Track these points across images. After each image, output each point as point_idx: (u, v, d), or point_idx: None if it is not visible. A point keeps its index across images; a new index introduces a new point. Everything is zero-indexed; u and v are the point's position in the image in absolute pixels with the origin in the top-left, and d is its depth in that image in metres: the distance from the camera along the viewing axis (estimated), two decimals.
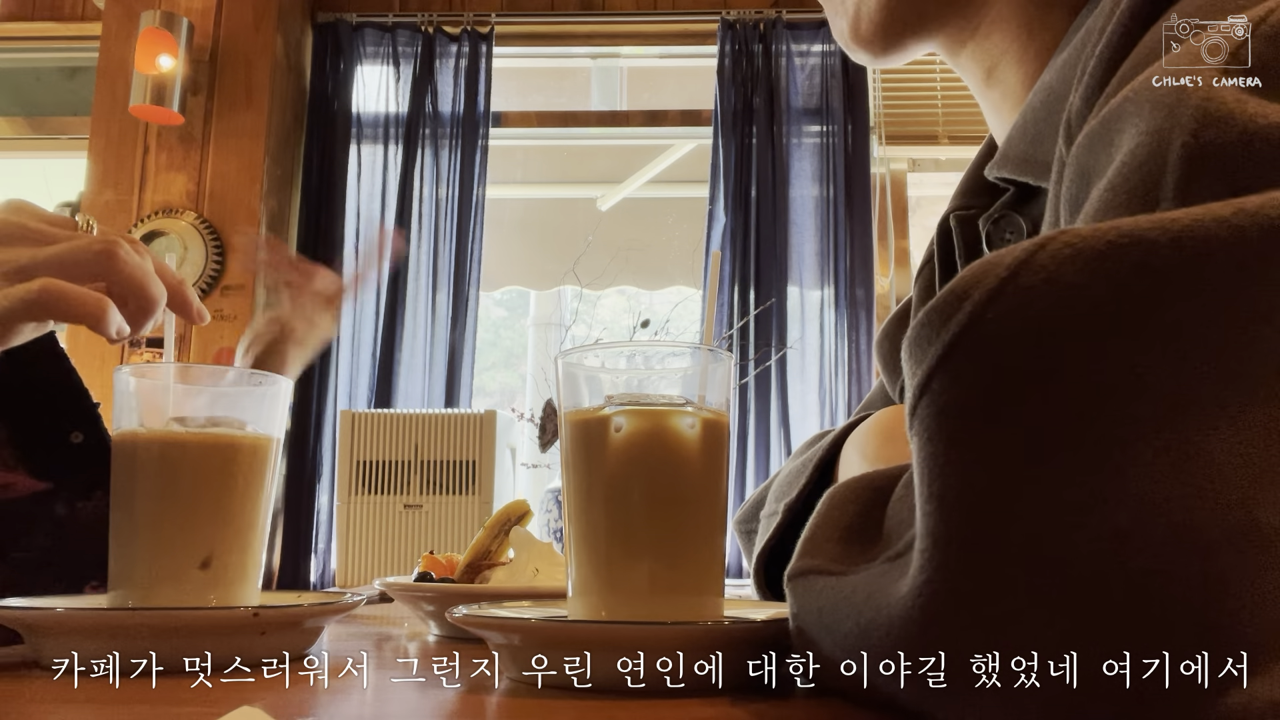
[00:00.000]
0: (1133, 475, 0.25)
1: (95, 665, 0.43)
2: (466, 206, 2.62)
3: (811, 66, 2.67)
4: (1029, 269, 0.27)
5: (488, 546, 0.71)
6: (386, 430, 2.12)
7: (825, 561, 0.35)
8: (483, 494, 2.07)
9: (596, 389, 0.44)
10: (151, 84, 2.41)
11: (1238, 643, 0.25)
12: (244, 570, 0.51)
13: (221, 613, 0.46)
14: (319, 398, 2.55)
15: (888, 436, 0.54)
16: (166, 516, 0.49)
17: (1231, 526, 0.25)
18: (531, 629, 0.40)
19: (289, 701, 0.37)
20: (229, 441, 0.51)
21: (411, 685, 0.43)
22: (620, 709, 0.35)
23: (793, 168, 2.62)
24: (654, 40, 2.84)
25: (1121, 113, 0.33)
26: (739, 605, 0.51)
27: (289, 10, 2.67)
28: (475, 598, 0.57)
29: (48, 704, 0.37)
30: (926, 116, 2.72)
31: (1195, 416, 0.25)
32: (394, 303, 2.58)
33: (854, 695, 0.34)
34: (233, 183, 2.54)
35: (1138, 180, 0.30)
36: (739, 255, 2.55)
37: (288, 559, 2.49)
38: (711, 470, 0.44)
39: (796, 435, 2.48)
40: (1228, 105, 0.29)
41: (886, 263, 2.67)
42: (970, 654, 0.27)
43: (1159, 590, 0.25)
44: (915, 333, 0.29)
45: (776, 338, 2.51)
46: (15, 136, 2.87)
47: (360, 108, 2.71)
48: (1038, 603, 0.26)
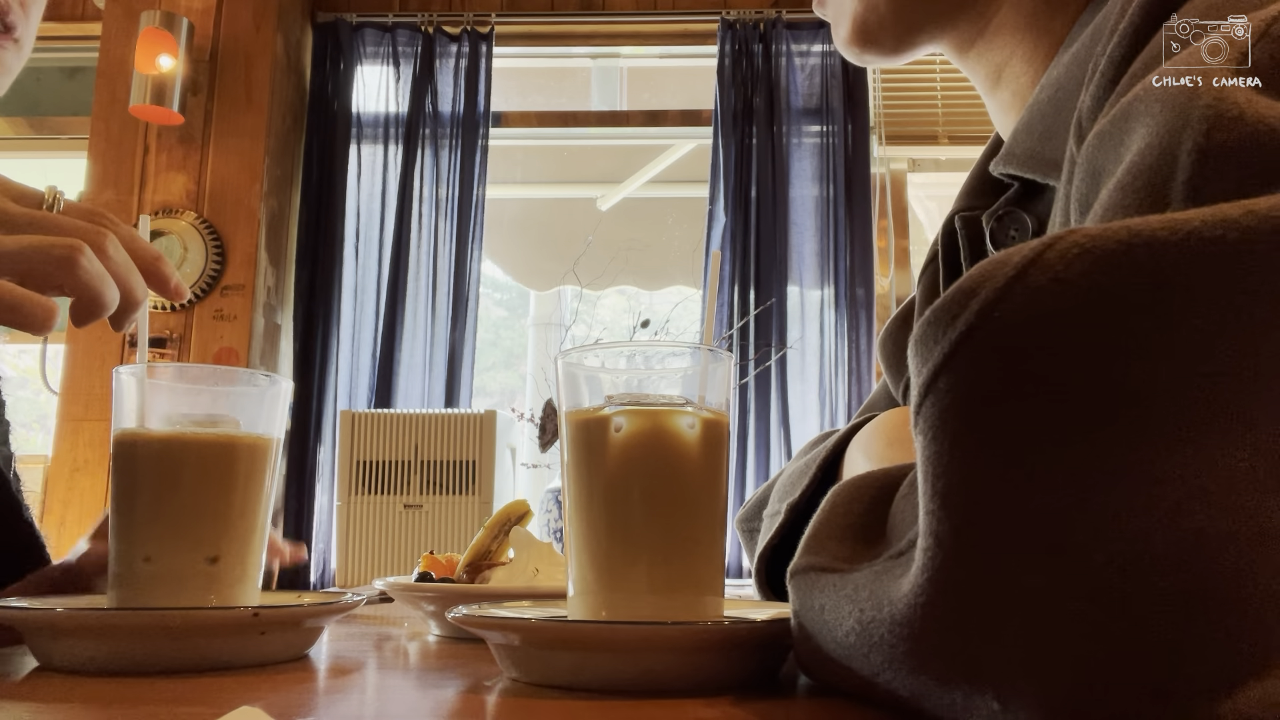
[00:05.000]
0: (1138, 477, 0.25)
1: (95, 665, 0.43)
2: (466, 206, 2.62)
3: (811, 66, 2.67)
4: (1037, 268, 0.27)
5: (488, 546, 0.71)
6: (386, 430, 2.12)
7: (828, 559, 0.35)
8: (483, 494, 2.07)
9: (596, 389, 0.44)
10: (151, 84, 2.41)
11: (1244, 645, 0.25)
12: (244, 570, 0.51)
13: (221, 613, 0.45)
14: (319, 398, 2.55)
15: (892, 438, 0.54)
16: (166, 516, 0.49)
17: (1239, 529, 0.25)
18: (531, 629, 0.40)
19: (289, 701, 0.37)
20: (229, 441, 0.51)
21: (411, 685, 0.43)
22: (620, 709, 0.35)
23: (793, 168, 2.62)
24: (654, 40, 2.84)
25: (1132, 111, 0.33)
26: (739, 605, 0.51)
27: (289, 10, 2.67)
28: (475, 598, 0.57)
29: (48, 704, 0.37)
30: (926, 116, 2.72)
31: (1203, 418, 0.25)
32: (394, 303, 2.58)
33: (855, 693, 0.34)
34: (233, 183, 2.54)
35: (1148, 180, 0.30)
36: (739, 255, 2.54)
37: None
38: (711, 470, 0.44)
39: (796, 435, 2.48)
40: (1239, 105, 0.29)
41: (886, 263, 2.67)
42: (971, 652, 0.27)
43: (1162, 591, 0.25)
44: (921, 331, 0.29)
45: (776, 338, 2.51)
46: (15, 136, 2.87)
47: (360, 108, 2.71)
48: (1039, 602, 0.26)
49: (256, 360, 2.50)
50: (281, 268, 2.64)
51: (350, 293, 2.60)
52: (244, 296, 2.49)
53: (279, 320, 2.63)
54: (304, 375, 2.56)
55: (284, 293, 2.65)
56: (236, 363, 2.44)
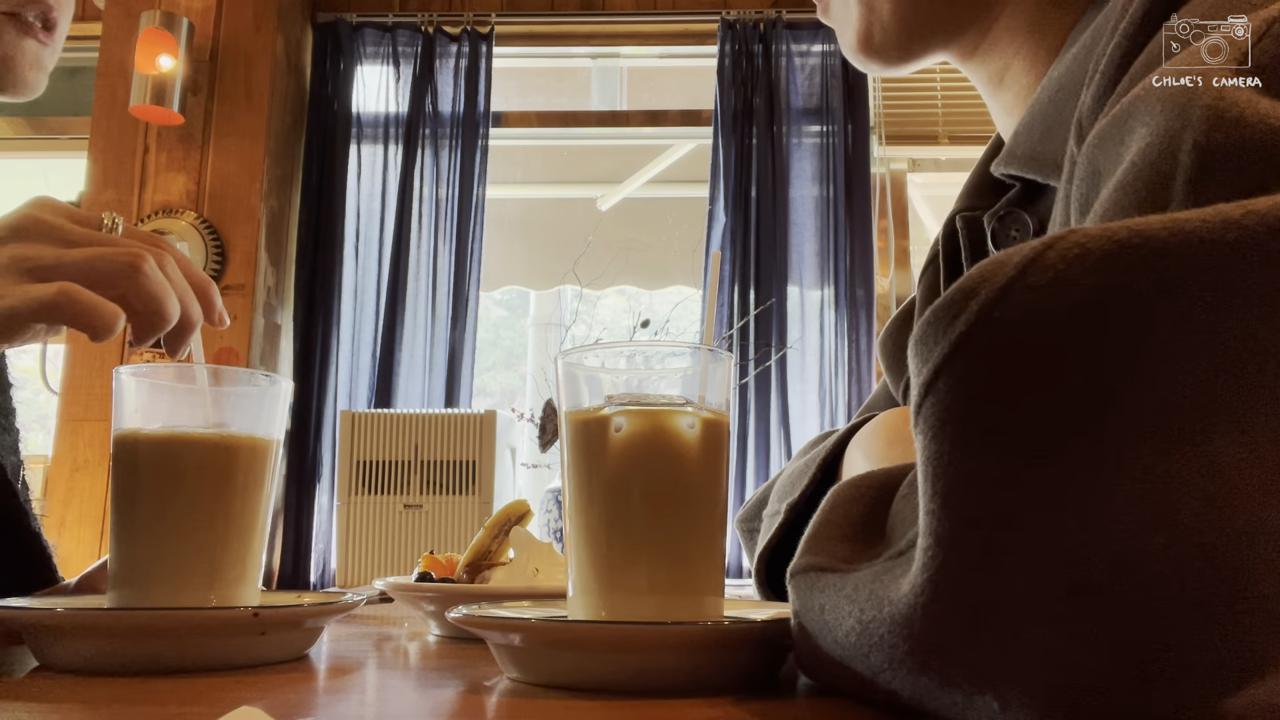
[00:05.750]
0: (1138, 478, 0.25)
1: (95, 665, 0.43)
2: (466, 206, 2.62)
3: (811, 66, 2.67)
4: (1037, 268, 0.27)
5: (488, 546, 0.71)
6: (386, 430, 2.12)
7: (828, 559, 0.35)
8: (483, 494, 2.07)
9: (596, 389, 0.44)
10: (151, 84, 2.41)
11: (1243, 646, 0.25)
12: (244, 570, 0.51)
13: (221, 613, 0.45)
14: (319, 398, 2.55)
15: (892, 437, 0.54)
16: (167, 516, 0.49)
17: (1238, 531, 0.25)
18: (531, 629, 0.40)
19: (289, 701, 0.37)
20: (229, 442, 0.51)
21: (411, 685, 0.43)
22: (620, 709, 0.35)
23: (793, 168, 2.62)
24: (654, 40, 2.84)
25: (1133, 111, 0.33)
26: (739, 605, 0.51)
27: (289, 10, 2.67)
28: (475, 598, 0.57)
29: (48, 704, 0.37)
30: (926, 116, 2.72)
31: (1202, 420, 0.25)
32: (394, 303, 2.58)
33: (855, 693, 0.34)
34: (233, 183, 2.54)
35: (1148, 179, 0.30)
36: (739, 255, 2.54)
37: (288, 559, 2.49)
38: (711, 470, 0.44)
39: (796, 435, 2.48)
40: (1240, 106, 0.29)
41: (886, 263, 2.67)
42: (972, 652, 0.27)
43: (1162, 593, 0.25)
44: (921, 330, 0.29)
45: (776, 338, 2.51)
46: (15, 136, 2.87)
47: (360, 108, 2.71)
48: (1039, 602, 0.26)
49: (256, 360, 2.50)
50: (281, 268, 2.64)
51: (350, 293, 2.60)
52: (244, 296, 2.49)
53: (279, 320, 2.63)
54: (304, 375, 2.56)
55: (284, 293, 2.65)
56: (236, 363, 2.43)
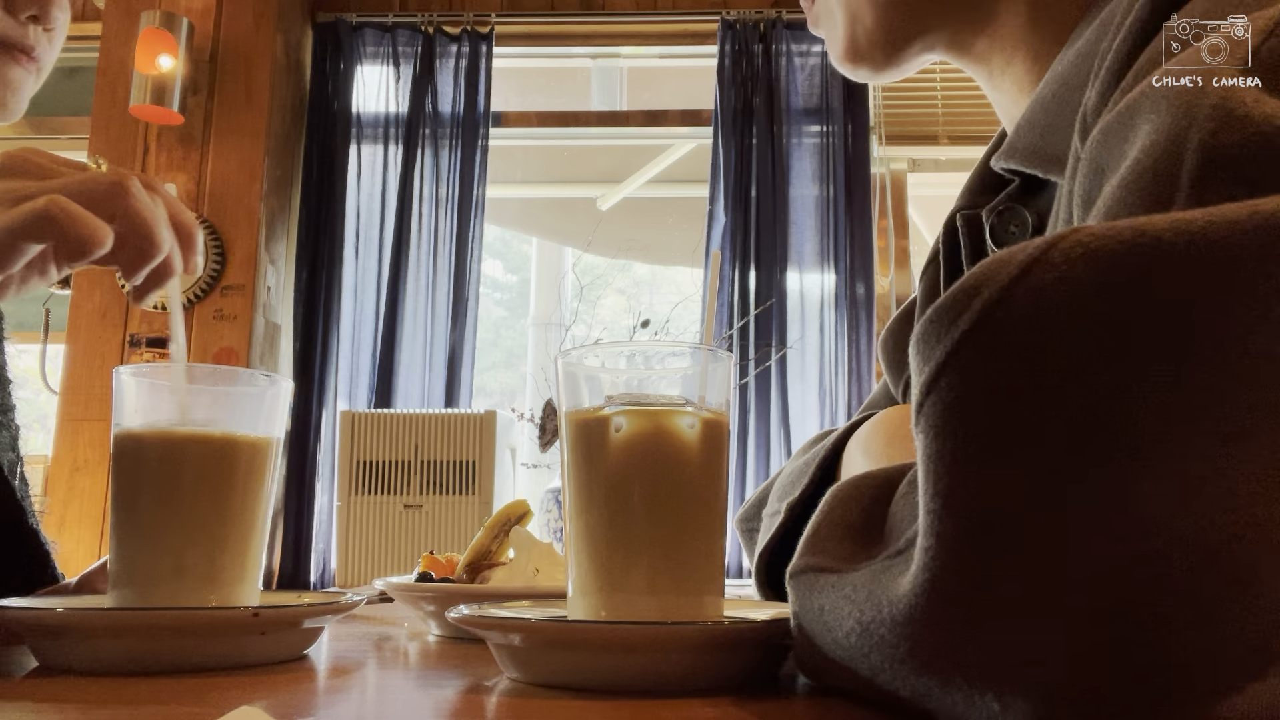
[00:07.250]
0: (1139, 479, 0.25)
1: (95, 665, 0.43)
2: (466, 206, 2.62)
3: (811, 66, 2.67)
4: (1041, 267, 0.26)
5: (488, 546, 0.71)
6: (386, 430, 2.12)
7: (827, 559, 0.35)
8: (483, 494, 2.07)
9: (596, 389, 0.44)
10: (151, 84, 2.41)
11: (1244, 646, 0.25)
12: (244, 570, 0.51)
13: (221, 613, 0.45)
14: (319, 398, 2.55)
15: (892, 436, 0.54)
16: (167, 516, 0.49)
17: (1241, 530, 0.25)
18: (531, 629, 0.40)
19: (289, 701, 0.37)
20: (229, 441, 0.51)
21: (411, 685, 0.43)
22: (620, 709, 0.35)
23: (793, 167, 2.62)
24: (654, 40, 2.84)
25: (1138, 108, 0.33)
26: (739, 605, 0.51)
27: (289, 10, 2.67)
28: (475, 598, 0.57)
29: (48, 704, 0.37)
30: (926, 116, 2.72)
31: (1205, 421, 0.25)
32: (394, 303, 2.58)
33: (855, 694, 0.34)
34: (233, 183, 2.54)
35: (1152, 178, 0.30)
36: (739, 255, 2.54)
37: (288, 559, 2.49)
38: (711, 470, 0.44)
39: (796, 435, 2.48)
40: (1245, 105, 0.29)
41: (886, 263, 2.67)
42: (972, 653, 0.27)
43: (1163, 594, 0.25)
44: (923, 329, 0.29)
45: (776, 338, 2.51)
46: (15, 136, 2.87)
47: (360, 108, 2.71)
48: (1039, 603, 0.26)
49: (256, 360, 2.50)
50: (281, 268, 2.64)
51: (350, 293, 2.60)
52: (244, 296, 2.49)
53: (279, 320, 2.63)
54: (304, 375, 2.56)
55: (284, 293, 2.65)
56: (236, 363, 2.43)
